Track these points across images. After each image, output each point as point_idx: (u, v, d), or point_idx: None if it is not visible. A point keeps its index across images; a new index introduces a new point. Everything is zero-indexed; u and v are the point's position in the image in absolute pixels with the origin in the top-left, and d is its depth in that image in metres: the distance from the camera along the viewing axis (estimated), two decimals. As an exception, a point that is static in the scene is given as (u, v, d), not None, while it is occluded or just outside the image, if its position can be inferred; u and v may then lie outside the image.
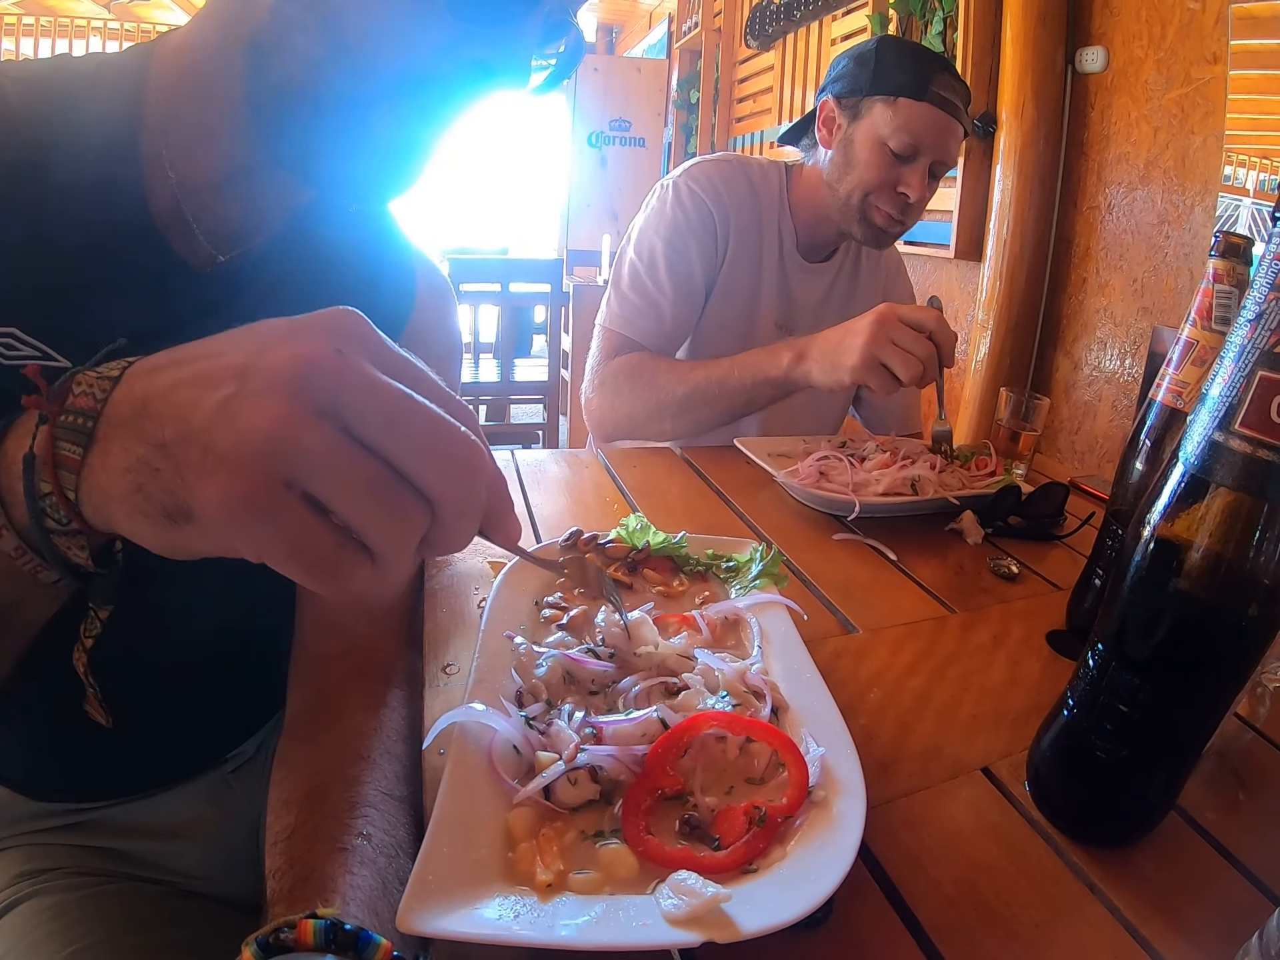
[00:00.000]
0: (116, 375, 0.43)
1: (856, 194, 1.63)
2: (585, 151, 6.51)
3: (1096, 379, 2.60)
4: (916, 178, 1.57)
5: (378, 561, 0.40)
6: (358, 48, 0.61)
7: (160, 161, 0.69)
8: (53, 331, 0.64)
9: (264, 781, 0.93)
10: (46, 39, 6.37)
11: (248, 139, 0.68)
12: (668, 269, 1.67)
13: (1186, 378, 0.81)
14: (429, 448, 0.39)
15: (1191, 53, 2.22)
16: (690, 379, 1.54)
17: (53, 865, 0.84)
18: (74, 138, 0.66)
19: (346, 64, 0.62)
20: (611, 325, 1.69)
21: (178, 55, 0.70)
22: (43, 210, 0.64)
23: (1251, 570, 0.52)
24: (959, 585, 1.07)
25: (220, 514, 0.37)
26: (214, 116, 0.69)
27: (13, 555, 0.46)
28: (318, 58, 0.62)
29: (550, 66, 0.72)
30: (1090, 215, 2.60)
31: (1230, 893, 0.60)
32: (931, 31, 3.03)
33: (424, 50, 0.62)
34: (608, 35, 9.02)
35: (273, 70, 0.64)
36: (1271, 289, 0.50)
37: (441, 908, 0.46)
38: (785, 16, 4.39)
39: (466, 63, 0.63)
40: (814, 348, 1.41)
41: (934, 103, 1.52)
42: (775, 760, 0.61)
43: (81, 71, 0.70)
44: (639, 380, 1.60)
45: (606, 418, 1.67)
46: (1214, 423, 0.52)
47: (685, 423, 1.57)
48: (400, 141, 0.67)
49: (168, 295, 0.71)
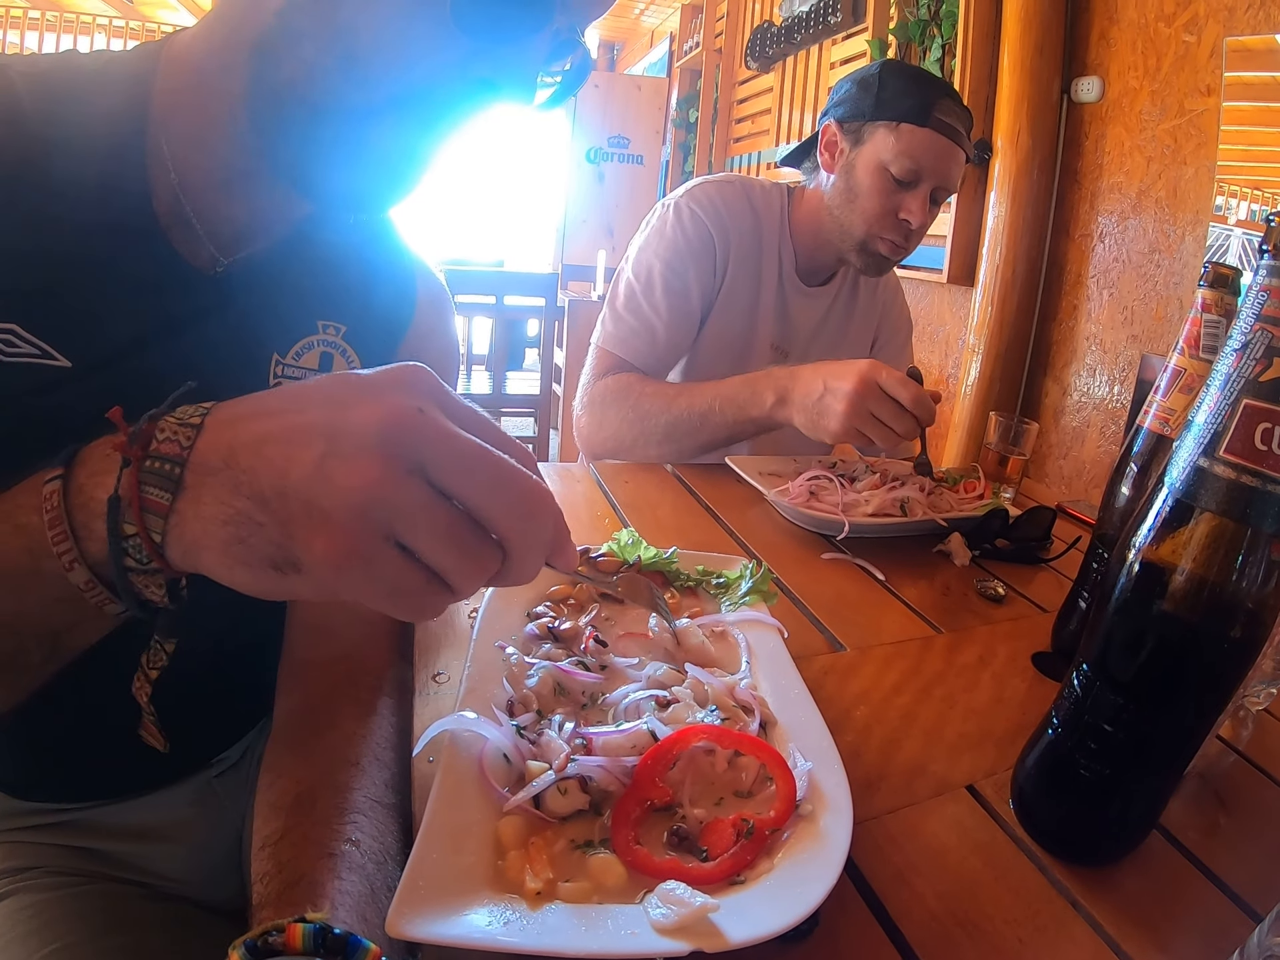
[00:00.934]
0: (199, 423, 0.45)
1: (859, 225, 1.63)
2: (583, 167, 6.53)
3: (1085, 405, 2.62)
4: (918, 203, 1.57)
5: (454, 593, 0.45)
6: (366, 60, 0.61)
7: (163, 161, 0.69)
8: (53, 329, 0.64)
9: (248, 787, 0.93)
10: (52, 34, 6.36)
11: (247, 143, 0.68)
12: (664, 290, 1.67)
13: (1174, 405, 0.83)
14: (502, 496, 0.44)
15: (1186, 84, 2.26)
16: (674, 407, 1.54)
17: (33, 864, 0.83)
18: (79, 135, 0.66)
19: (354, 75, 0.62)
20: (605, 345, 1.69)
21: (184, 56, 0.71)
22: (46, 207, 0.64)
23: (1234, 594, 0.53)
24: (946, 606, 1.08)
25: (329, 566, 0.42)
26: (216, 119, 0.69)
27: (82, 588, 0.47)
28: (324, 66, 0.62)
29: (556, 83, 0.72)
30: (1082, 243, 2.63)
31: (1212, 910, 0.61)
32: (930, 58, 3.07)
33: (432, 66, 0.62)
34: (609, 52, 9.07)
35: (275, 76, 0.64)
36: (1257, 319, 0.51)
37: (431, 913, 0.46)
38: (786, 39, 4.42)
39: (473, 80, 0.64)
40: (796, 393, 1.39)
41: (936, 128, 1.52)
42: (763, 774, 0.62)
43: (89, 69, 0.70)
44: (625, 403, 1.60)
45: (595, 437, 1.67)
46: (1199, 449, 0.53)
47: (670, 450, 1.57)
48: (398, 153, 0.67)
49: (169, 296, 0.71)
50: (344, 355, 0.84)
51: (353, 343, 0.84)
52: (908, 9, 3.25)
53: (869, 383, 1.29)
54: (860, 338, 1.94)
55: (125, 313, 0.68)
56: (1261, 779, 0.78)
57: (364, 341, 0.86)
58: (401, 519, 0.41)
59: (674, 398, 1.55)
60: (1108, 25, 2.51)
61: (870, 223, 1.61)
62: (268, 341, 0.79)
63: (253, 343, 0.78)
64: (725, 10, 5.64)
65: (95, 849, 0.87)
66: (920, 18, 3.16)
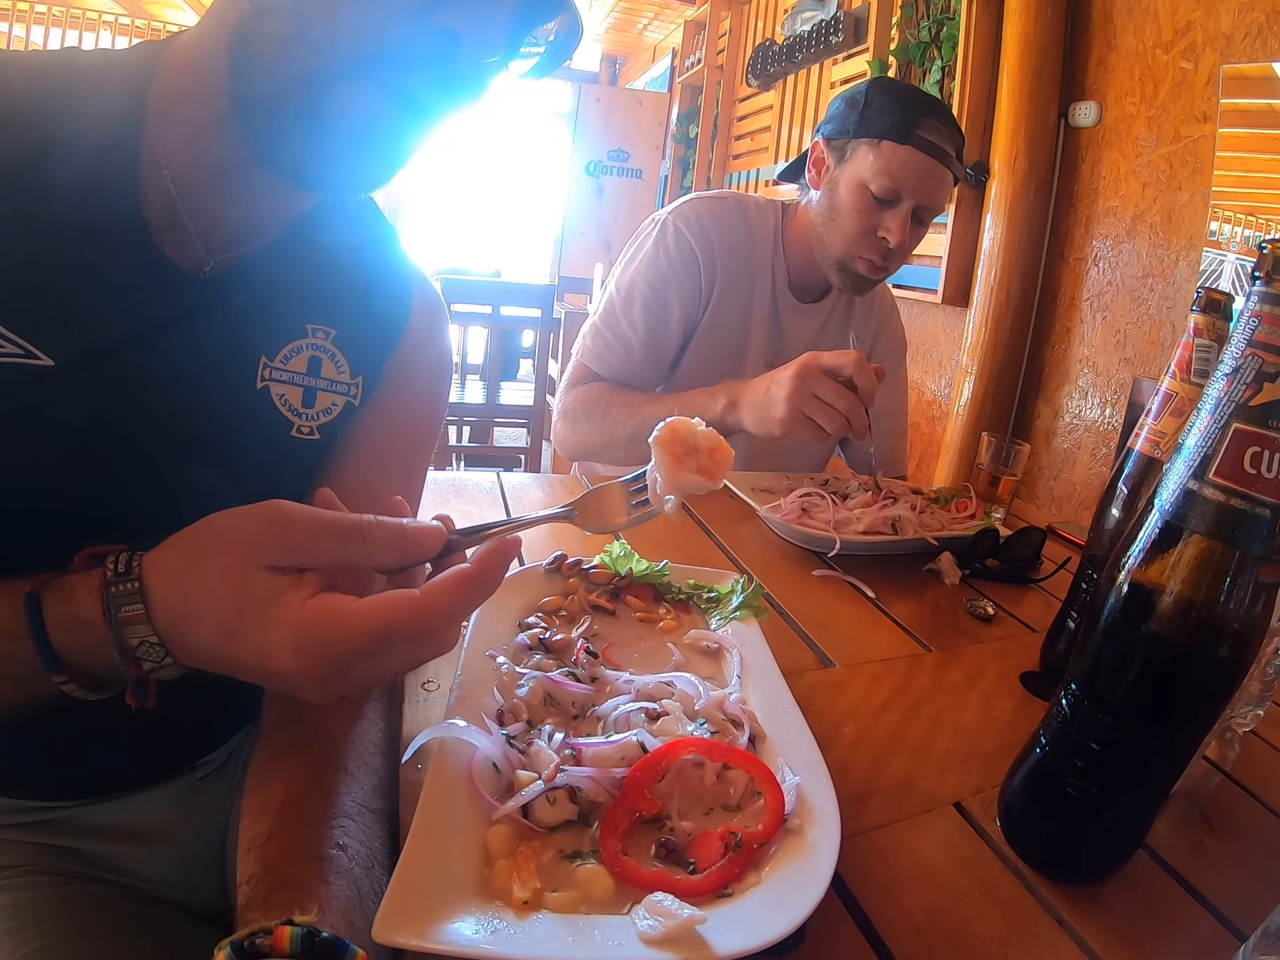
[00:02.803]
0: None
1: (838, 243, 1.62)
2: (582, 180, 6.55)
3: (1077, 427, 2.63)
4: (897, 222, 1.55)
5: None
6: (321, 20, 0.60)
7: (158, 161, 0.69)
8: (35, 328, 0.64)
9: (233, 789, 0.92)
10: (57, 29, 6.36)
11: (234, 136, 0.67)
12: (643, 309, 1.68)
13: (1165, 428, 0.83)
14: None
15: (1182, 111, 2.28)
16: (638, 415, 1.57)
17: (12, 863, 0.82)
18: (73, 135, 0.65)
19: (310, 39, 0.60)
20: (583, 359, 1.72)
21: (181, 55, 0.70)
22: (35, 207, 0.63)
23: (1221, 615, 0.54)
24: (935, 624, 1.08)
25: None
26: (208, 116, 0.68)
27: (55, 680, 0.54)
28: (283, 36, 0.61)
29: (544, 47, 0.70)
30: (1077, 266, 2.65)
31: (1197, 929, 0.61)
32: (930, 80, 3.10)
33: (387, 18, 0.61)
34: (611, 66, 9.12)
35: (248, 57, 0.63)
36: (1248, 344, 0.52)
37: (417, 921, 0.46)
38: (787, 58, 4.45)
39: (435, 31, 0.61)
40: (745, 395, 1.42)
41: (918, 146, 1.50)
42: (752, 788, 0.62)
43: (90, 67, 0.70)
44: (594, 412, 1.63)
45: (568, 443, 1.72)
46: (1189, 472, 0.54)
47: (636, 454, 1.58)
48: (370, 123, 0.65)
49: (155, 296, 0.70)
50: (333, 359, 0.83)
51: (343, 347, 0.84)
52: (909, 31, 3.28)
53: (809, 365, 1.32)
54: None
55: (109, 313, 0.67)
56: (1248, 800, 0.79)
57: (355, 347, 0.85)
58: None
59: (638, 406, 1.59)
60: (1106, 51, 2.54)
61: (849, 241, 1.61)
62: (256, 344, 0.79)
63: (240, 344, 0.77)
64: (728, 27, 5.67)
65: (77, 848, 0.87)
66: (921, 40, 3.19)
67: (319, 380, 0.82)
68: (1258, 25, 2.06)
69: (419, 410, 0.95)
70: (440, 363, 1.00)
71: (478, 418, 4.47)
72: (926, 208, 1.58)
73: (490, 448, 4.88)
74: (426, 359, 0.95)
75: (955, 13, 2.95)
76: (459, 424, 4.35)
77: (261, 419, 0.79)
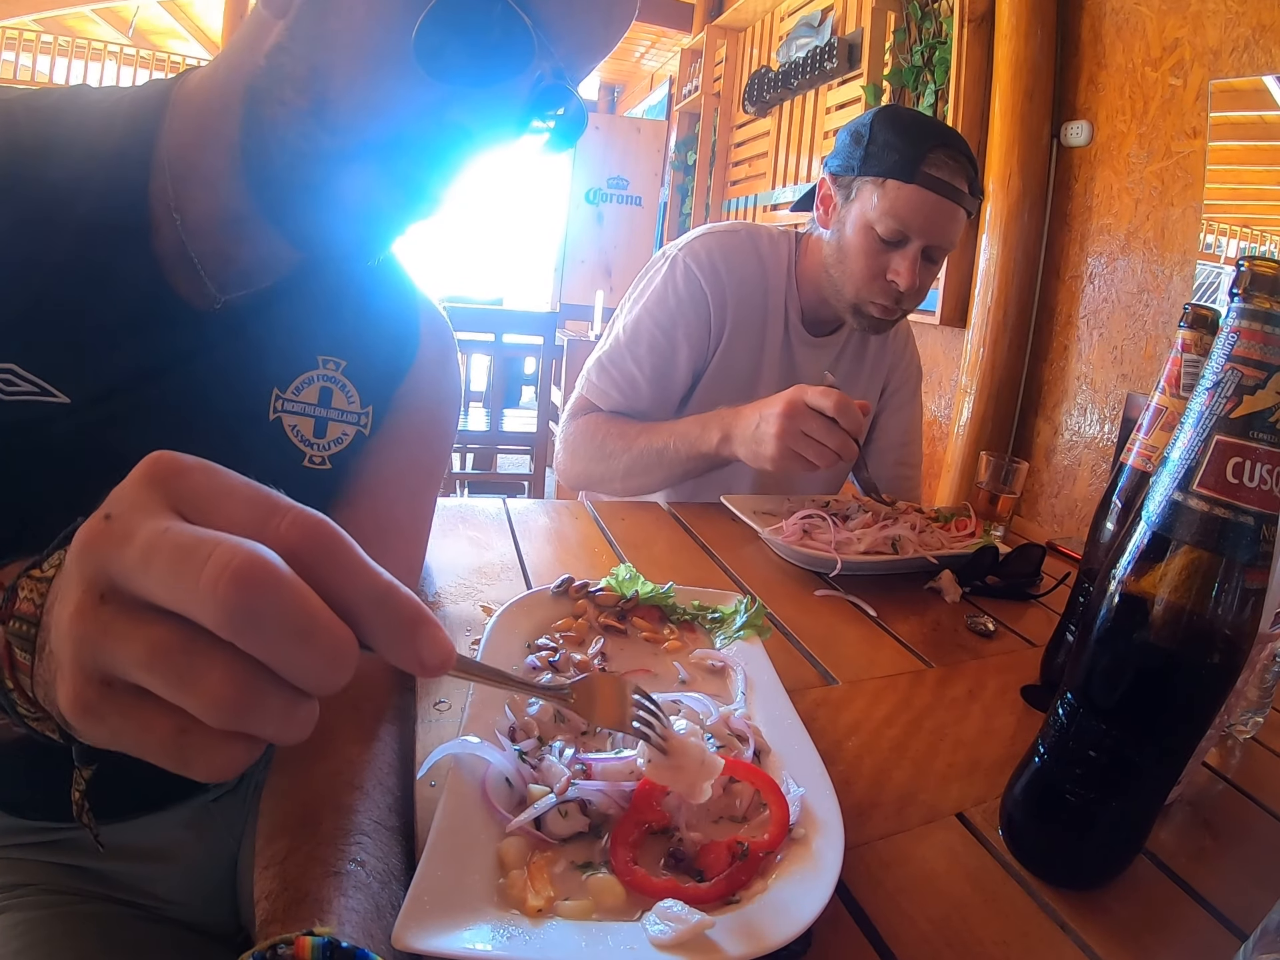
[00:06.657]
0: (51, 576, 0.39)
1: (849, 287, 1.58)
2: (582, 207, 6.60)
3: (1076, 444, 2.65)
4: (906, 264, 1.50)
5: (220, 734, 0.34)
6: (336, 104, 0.63)
7: (167, 202, 0.71)
8: (51, 367, 0.66)
9: (245, 811, 0.93)
10: (63, 59, 6.44)
11: (244, 187, 0.70)
12: (649, 348, 1.65)
13: (1156, 442, 0.85)
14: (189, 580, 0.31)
15: (1172, 127, 2.32)
16: (635, 446, 1.56)
17: (26, 881, 0.83)
18: (83, 174, 0.67)
19: (326, 119, 0.63)
20: (587, 394, 1.70)
21: (192, 97, 0.72)
22: (45, 246, 0.65)
23: (1211, 621, 0.55)
24: (936, 641, 1.09)
25: (68, 719, 0.35)
26: (216, 161, 0.70)
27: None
28: (300, 109, 0.63)
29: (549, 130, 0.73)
30: (1072, 284, 2.68)
31: (1199, 932, 0.62)
32: (924, 104, 3.14)
33: (403, 112, 0.63)
34: (609, 94, 9.23)
35: (261, 118, 0.65)
36: (1228, 359, 0.54)
37: (436, 927, 0.48)
38: (783, 84, 4.52)
39: (450, 126, 0.65)
40: (737, 428, 1.41)
41: (925, 184, 1.44)
42: (757, 799, 0.64)
43: (99, 106, 0.72)
44: (593, 444, 1.62)
45: (569, 473, 1.72)
46: (1174, 483, 0.56)
47: (633, 485, 1.61)
48: (378, 201, 0.68)
49: (168, 334, 0.72)
50: (343, 390, 0.85)
51: (353, 378, 0.86)
52: (901, 55, 3.33)
53: (795, 402, 1.30)
54: (870, 386, 1.91)
55: (122, 350, 0.69)
56: (1249, 805, 0.80)
57: (365, 377, 0.87)
58: (101, 652, 0.33)
59: (635, 437, 1.58)
60: (1096, 70, 2.58)
61: (858, 285, 1.57)
62: (268, 376, 0.80)
63: (253, 377, 0.79)
64: (724, 55, 5.75)
65: (90, 868, 0.87)
66: (914, 64, 3.24)
67: (330, 411, 0.84)
68: (1244, 40, 2.10)
69: (427, 439, 0.97)
70: (449, 392, 1.01)
71: (481, 445, 4.49)
72: (937, 246, 1.52)
73: (494, 474, 4.89)
74: (435, 388, 0.97)
75: (947, 37, 3.00)
76: (463, 451, 4.38)
77: (275, 450, 0.81)
